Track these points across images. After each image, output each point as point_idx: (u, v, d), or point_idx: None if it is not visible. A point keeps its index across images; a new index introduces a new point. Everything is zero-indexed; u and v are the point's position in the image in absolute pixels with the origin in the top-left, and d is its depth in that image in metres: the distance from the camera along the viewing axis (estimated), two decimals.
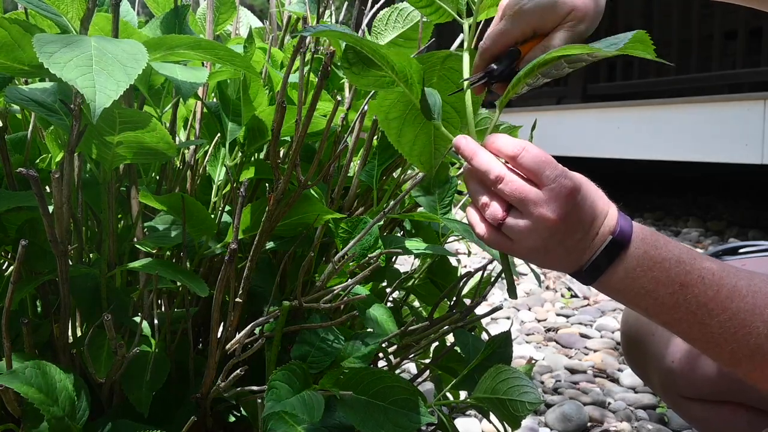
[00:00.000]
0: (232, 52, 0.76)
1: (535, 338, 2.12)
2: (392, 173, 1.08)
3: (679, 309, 0.67)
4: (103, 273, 0.82)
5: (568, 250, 0.67)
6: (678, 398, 1.03)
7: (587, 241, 0.67)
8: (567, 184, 0.64)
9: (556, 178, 0.64)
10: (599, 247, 0.67)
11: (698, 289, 0.67)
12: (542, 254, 0.67)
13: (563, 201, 0.64)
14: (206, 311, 0.96)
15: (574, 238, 0.66)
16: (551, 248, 0.66)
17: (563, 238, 0.66)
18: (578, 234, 0.66)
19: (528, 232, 0.65)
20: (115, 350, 0.72)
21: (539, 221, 0.65)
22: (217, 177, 0.95)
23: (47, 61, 0.58)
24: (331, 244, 1.00)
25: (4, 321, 0.69)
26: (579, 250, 0.67)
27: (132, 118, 0.73)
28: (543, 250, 0.66)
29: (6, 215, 0.79)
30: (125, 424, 0.77)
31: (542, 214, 0.64)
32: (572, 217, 0.65)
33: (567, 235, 0.66)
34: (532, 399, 0.84)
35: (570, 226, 0.65)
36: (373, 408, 0.78)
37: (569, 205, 0.64)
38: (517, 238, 0.66)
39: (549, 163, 0.65)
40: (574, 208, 0.65)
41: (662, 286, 0.67)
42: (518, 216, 0.66)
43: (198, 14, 1.09)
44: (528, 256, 0.68)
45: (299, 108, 0.82)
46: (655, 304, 0.68)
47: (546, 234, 0.65)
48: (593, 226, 0.66)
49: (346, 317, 0.85)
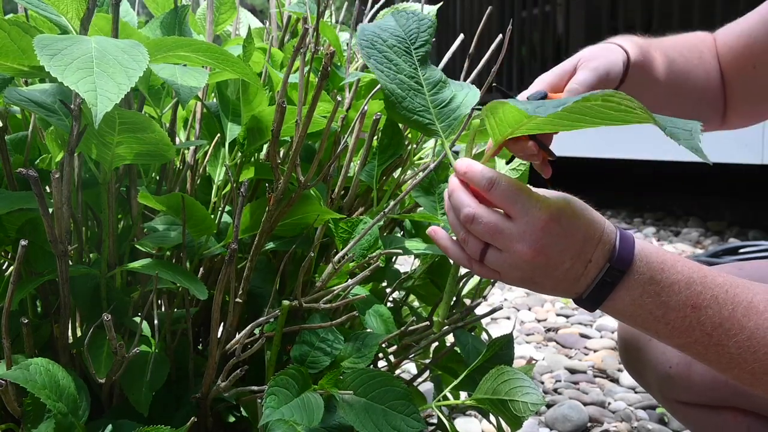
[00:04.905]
0: (231, 57, 0.76)
1: (535, 338, 2.12)
2: (392, 173, 1.08)
3: (693, 332, 0.64)
4: (103, 273, 0.82)
5: (557, 280, 0.64)
6: (676, 403, 1.03)
7: (578, 270, 0.63)
8: (540, 216, 0.61)
9: (528, 210, 0.61)
10: (596, 275, 0.63)
11: (712, 309, 0.63)
12: (532, 285, 0.65)
13: (538, 234, 0.61)
14: (206, 311, 0.96)
15: (561, 269, 0.63)
16: (539, 280, 0.64)
17: (547, 270, 0.63)
18: (565, 264, 0.63)
19: (510, 266, 0.63)
20: (115, 350, 0.72)
21: (516, 256, 0.62)
22: (216, 177, 0.95)
23: (48, 63, 0.58)
24: (331, 244, 1.00)
25: (4, 321, 0.69)
26: (570, 279, 0.63)
27: (132, 120, 0.73)
28: (530, 281, 0.64)
29: (6, 215, 0.79)
30: (125, 424, 0.77)
31: (518, 248, 0.62)
32: (552, 249, 0.62)
33: (551, 267, 0.63)
34: (534, 400, 0.84)
35: (552, 258, 0.62)
36: (372, 410, 0.78)
37: (546, 237, 0.61)
38: (502, 271, 0.64)
39: (520, 195, 0.62)
40: (552, 239, 0.62)
41: (672, 311, 0.63)
42: (497, 252, 0.64)
43: (198, 14, 1.09)
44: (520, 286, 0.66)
45: (299, 108, 0.82)
46: (667, 329, 0.64)
47: (527, 268, 0.63)
48: (582, 253, 0.63)
49: (345, 317, 0.85)
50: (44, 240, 0.73)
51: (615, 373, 1.82)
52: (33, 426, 0.71)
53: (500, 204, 0.63)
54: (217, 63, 0.77)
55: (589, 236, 0.63)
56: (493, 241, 0.63)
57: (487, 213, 0.63)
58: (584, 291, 0.64)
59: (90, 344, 0.77)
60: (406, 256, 1.07)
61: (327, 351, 0.85)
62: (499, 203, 0.63)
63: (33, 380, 0.68)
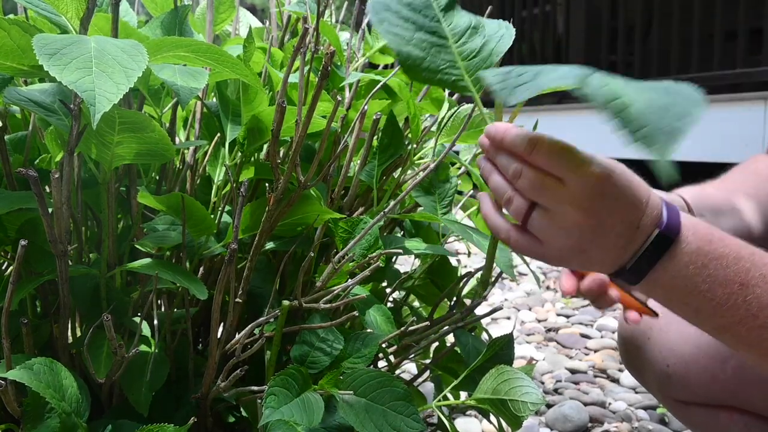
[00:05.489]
0: (231, 58, 0.76)
1: (536, 338, 2.12)
2: (392, 173, 1.08)
3: (737, 311, 0.60)
4: (103, 273, 0.82)
5: (604, 248, 0.59)
6: (674, 402, 1.03)
7: (627, 237, 0.59)
8: (591, 175, 0.56)
9: (578, 168, 0.56)
10: (643, 242, 0.59)
11: (761, 288, 0.60)
12: (576, 255, 0.59)
13: (590, 193, 0.56)
14: (206, 311, 0.96)
15: (611, 233, 0.58)
16: (585, 247, 0.58)
17: (596, 236, 0.58)
18: (616, 227, 0.58)
19: (557, 230, 0.58)
20: (114, 351, 0.72)
21: (565, 218, 0.57)
22: (216, 177, 0.95)
23: (47, 63, 0.58)
24: (331, 244, 1.00)
25: (4, 321, 0.69)
26: (618, 247, 0.59)
27: (131, 119, 0.73)
28: (577, 249, 0.59)
29: (6, 215, 0.79)
30: (125, 425, 0.77)
31: (568, 210, 0.57)
32: (603, 211, 0.57)
33: (600, 231, 0.58)
34: (534, 399, 0.84)
35: (601, 221, 0.57)
36: (372, 410, 0.78)
37: (598, 198, 0.57)
38: (546, 239, 0.59)
39: (567, 153, 0.57)
40: (604, 200, 0.57)
41: (719, 286, 0.59)
42: (544, 212, 0.58)
43: (197, 14, 1.09)
44: (561, 259, 0.60)
45: (299, 108, 0.82)
46: (710, 306, 0.60)
47: (576, 232, 0.57)
48: (632, 218, 0.58)
49: (345, 317, 0.84)
50: (44, 240, 0.73)
51: (615, 373, 1.81)
52: (33, 426, 0.71)
53: (546, 166, 0.57)
54: (217, 64, 0.77)
55: (637, 201, 0.59)
56: (541, 197, 0.58)
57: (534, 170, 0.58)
58: (629, 260, 0.60)
59: (90, 344, 0.77)
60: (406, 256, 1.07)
61: (327, 351, 0.85)
62: (545, 165, 0.57)
63: (37, 380, 0.68)
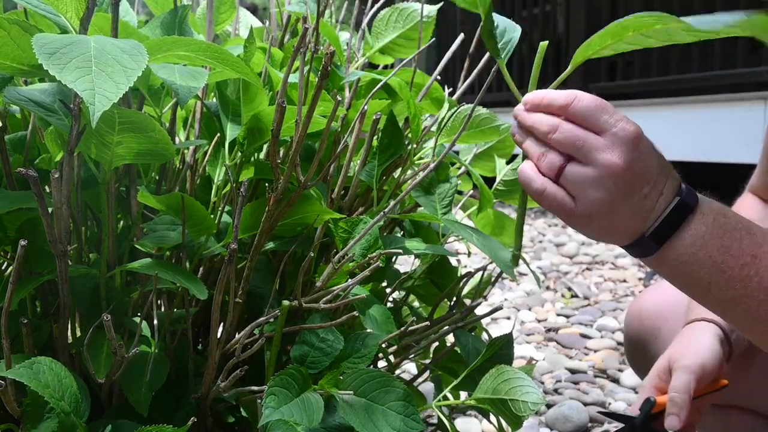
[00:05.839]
0: (231, 57, 0.76)
1: (536, 338, 2.12)
2: (392, 173, 1.08)
3: (749, 283, 0.61)
4: (103, 273, 0.82)
5: (632, 208, 0.60)
6: None
7: (653, 199, 0.60)
8: (630, 128, 0.58)
9: (617, 122, 0.58)
10: (665, 207, 0.60)
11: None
12: (605, 214, 0.60)
13: (629, 146, 0.58)
14: (206, 311, 0.96)
15: (640, 193, 0.59)
16: (616, 205, 0.59)
17: (629, 192, 0.59)
18: (645, 188, 0.59)
19: (591, 182, 0.59)
20: (114, 351, 0.72)
21: (603, 168, 0.58)
22: (216, 177, 0.95)
23: (47, 62, 0.58)
24: (331, 244, 1.00)
25: (3, 321, 0.69)
26: (644, 209, 0.60)
27: (131, 119, 0.73)
28: (608, 207, 0.59)
29: (6, 215, 0.79)
30: (125, 425, 0.77)
31: (606, 159, 0.58)
32: (638, 165, 0.59)
33: (633, 187, 0.59)
34: (534, 399, 0.84)
35: (636, 176, 0.59)
36: (372, 410, 0.78)
37: (635, 152, 0.58)
38: (579, 192, 0.59)
39: (606, 107, 0.59)
40: (639, 156, 0.59)
41: (732, 257, 0.61)
42: (579, 165, 0.59)
43: (197, 14, 1.09)
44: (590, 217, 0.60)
45: (299, 108, 0.82)
46: (722, 278, 0.61)
47: (611, 184, 0.58)
48: (658, 181, 0.60)
49: (345, 317, 0.84)
50: (44, 240, 0.73)
51: (615, 373, 1.81)
52: (32, 426, 0.71)
53: (584, 119, 0.59)
54: (217, 63, 0.77)
55: (663, 165, 0.61)
56: (577, 150, 0.59)
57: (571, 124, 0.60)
58: (651, 226, 0.61)
59: (89, 344, 0.77)
60: (406, 256, 1.07)
61: (327, 351, 0.85)
62: (583, 118, 0.59)
63: (37, 379, 0.68)
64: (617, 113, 0.59)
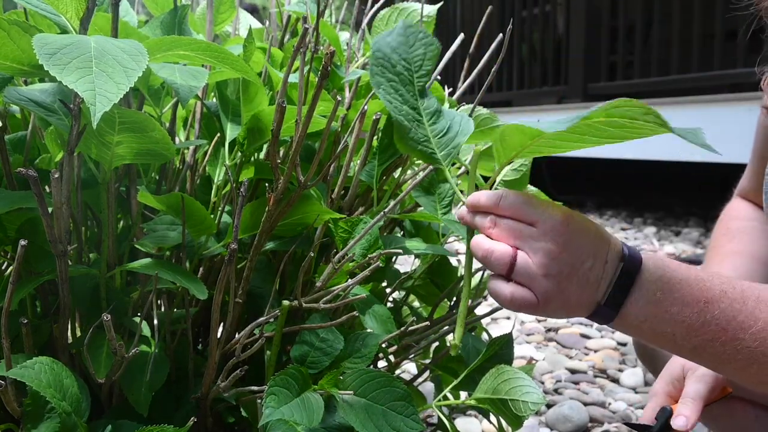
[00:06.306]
0: (231, 56, 0.76)
1: (536, 338, 2.12)
2: (392, 173, 1.08)
3: (708, 327, 0.64)
4: (103, 273, 0.82)
5: (581, 284, 0.64)
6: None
7: (598, 269, 0.64)
8: (557, 213, 0.63)
9: (544, 211, 0.63)
10: (612, 275, 0.64)
11: (724, 303, 0.65)
12: (557, 295, 0.64)
13: (560, 229, 0.63)
14: (206, 311, 0.96)
15: (583, 268, 0.64)
16: (563, 285, 0.64)
17: (572, 271, 0.63)
18: (587, 263, 0.64)
19: (538, 271, 0.63)
20: (114, 351, 0.72)
21: (543, 254, 0.63)
22: (216, 177, 0.95)
23: (47, 63, 0.58)
24: (331, 244, 1.00)
25: (3, 321, 0.69)
26: (592, 281, 0.64)
27: (131, 119, 0.73)
28: (557, 289, 0.64)
29: (6, 215, 0.79)
30: (125, 425, 0.77)
31: (543, 247, 0.63)
32: (573, 245, 0.63)
33: (573, 265, 0.63)
34: (535, 399, 0.84)
35: (575, 255, 0.63)
36: (372, 410, 0.78)
37: (567, 233, 0.63)
38: (532, 283, 0.64)
39: (530, 200, 0.64)
40: (572, 236, 0.63)
41: (687, 307, 0.64)
42: (524, 256, 0.64)
43: (197, 14, 1.09)
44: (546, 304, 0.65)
45: (299, 108, 0.82)
46: (683, 327, 0.65)
47: (555, 268, 0.63)
48: (599, 252, 0.64)
49: (345, 317, 0.84)
50: (44, 240, 0.73)
51: (615, 373, 1.81)
52: (33, 426, 0.71)
53: (515, 214, 0.64)
54: (217, 62, 0.77)
55: (600, 235, 0.65)
56: (516, 240, 0.64)
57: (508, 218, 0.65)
58: (603, 295, 0.65)
59: (89, 344, 0.77)
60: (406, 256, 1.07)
61: (327, 351, 0.85)
62: (514, 213, 0.64)
63: (38, 379, 0.68)
64: (543, 202, 0.64)
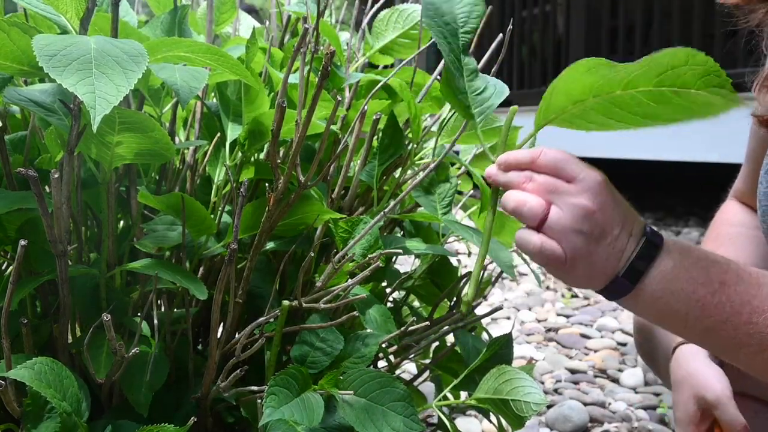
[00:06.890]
0: (230, 59, 0.76)
1: (536, 338, 2.12)
2: (392, 173, 1.08)
3: (723, 309, 0.64)
4: (103, 273, 0.82)
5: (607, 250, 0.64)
6: None
7: (623, 240, 0.64)
8: (596, 174, 0.63)
9: (582, 169, 0.63)
10: (635, 247, 0.64)
11: (740, 286, 0.65)
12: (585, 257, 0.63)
13: (597, 190, 0.63)
14: (206, 311, 0.96)
15: (612, 234, 0.64)
16: (592, 248, 0.63)
17: (602, 234, 0.63)
18: (615, 229, 0.64)
19: (571, 227, 0.63)
20: (114, 351, 0.72)
21: (578, 210, 0.62)
22: (216, 177, 0.95)
23: (47, 65, 0.58)
24: (331, 244, 1.00)
25: (3, 321, 0.69)
26: (617, 250, 0.64)
27: (131, 119, 0.73)
28: (586, 250, 0.63)
29: (6, 215, 0.79)
30: (125, 425, 0.77)
31: (579, 203, 0.62)
32: (608, 207, 0.63)
33: (605, 229, 0.63)
34: (536, 400, 0.84)
35: (607, 218, 0.63)
36: (372, 410, 0.78)
37: (603, 194, 0.63)
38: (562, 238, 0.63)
39: (570, 158, 0.64)
40: (607, 199, 0.63)
41: (702, 286, 0.64)
42: (558, 210, 0.63)
43: (198, 14, 1.09)
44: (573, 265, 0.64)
45: (299, 108, 0.82)
46: (697, 307, 0.65)
47: (586, 227, 0.63)
48: (626, 222, 0.64)
49: (345, 317, 0.84)
50: (44, 240, 0.73)
51: (615, 373, 1.81)
52: (33, 426, 0.71)
53: (553, 170, 0.64)
54: (217, 64, 0.77)
55: (628, 208, 0.66)
56: (552, 195, 0.63)
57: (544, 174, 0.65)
58: (623, 266, 0.65)
59: (89, 344, 0.77)
60: (406, 256, 1.07)
61: (327, 351, 0.85)
62: (552, 169, 0.64)
63: (38, 379, 0.68)
64: (581, 162, 0.64)
